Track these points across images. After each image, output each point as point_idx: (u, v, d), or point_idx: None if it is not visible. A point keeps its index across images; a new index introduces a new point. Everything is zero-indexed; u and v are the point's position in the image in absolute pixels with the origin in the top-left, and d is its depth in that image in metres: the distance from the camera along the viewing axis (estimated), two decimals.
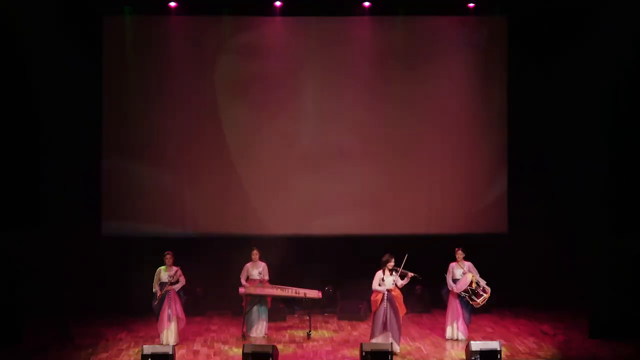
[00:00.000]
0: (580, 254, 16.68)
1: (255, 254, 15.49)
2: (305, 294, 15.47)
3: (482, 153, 17.75)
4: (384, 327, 14.17)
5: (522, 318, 16.66)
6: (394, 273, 14.25)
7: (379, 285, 14.20)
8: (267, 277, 15.47)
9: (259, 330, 15.41)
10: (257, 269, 15.46)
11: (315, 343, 15.01)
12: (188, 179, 17.51)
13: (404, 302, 14.45)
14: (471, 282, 14.91)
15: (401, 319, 14.30)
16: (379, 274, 14.28)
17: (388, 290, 14.21)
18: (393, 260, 14.27)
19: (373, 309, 14.38)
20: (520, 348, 14.50)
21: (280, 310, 16.66)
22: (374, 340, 14.06)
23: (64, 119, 16.95)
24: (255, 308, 15.40)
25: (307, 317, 15.72)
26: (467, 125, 17.70)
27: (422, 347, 14.65)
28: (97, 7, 17.16)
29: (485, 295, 14.89)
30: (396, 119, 17.63)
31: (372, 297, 14.38)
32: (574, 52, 16.93)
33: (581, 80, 16.81)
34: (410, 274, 14.27)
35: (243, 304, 15.47)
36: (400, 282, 14.32)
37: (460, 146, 17.69)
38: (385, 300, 14.21)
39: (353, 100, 17.59)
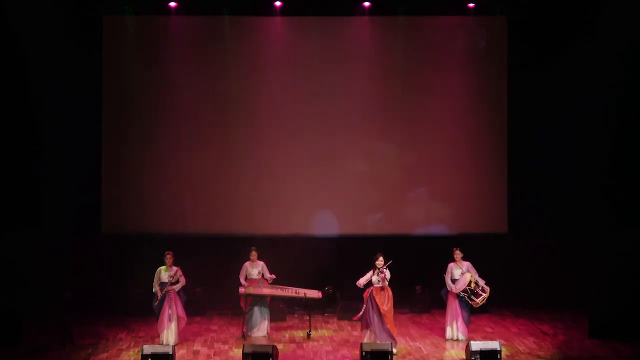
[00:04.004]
0: (580, 254, 16.67)
1: (253, 254, 15.49)
2: (305, 294, 15.47)
3: (482, 153, 17.74)
4: (366, 325, 14.25)
5: (522, 318, 16.65)
6: (378, 272, 14.24)
7: (365, 281, 14.23)
8: (268, 275, 15.42)
9: (262, 330, 15.40)
10: (256, 268, 15.45)
11: (315, 343, 15.01)
12: (188, 178, 17.51)
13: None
14: (470, 282, 14.90)
15: (386, 319, 14.19)
16: (370, 272, 14.30)
17: (373, 289, 14.21)
18: (381, 258, 14.23)
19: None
20: (520, 348, 14.50)
21: (280, 310, 16.66)
22: (365, 338, 14.10)
23: (64, 118, 16.94)
24: (257, 308, 15.40)
25: (307, 317, 15.73)
26: (467, 125, 17.70)
27: (422, 347, 14.65)
28: (97, 7, 17.16)
29: (484, 294, 14.88)
30: (395, 118, 17.63)
31: (364, 294, 14.46)
32: (574, 52, 16.93)
33: (581, 80, 16.79)
34: (384, 268, 14.19)
35: (241, 303, 15.48)
36: (376, 279, 14.25)
37: (460, 146, 17.68)
38: (369, 300, 14.26)
39: (352, 100, 17.58)
